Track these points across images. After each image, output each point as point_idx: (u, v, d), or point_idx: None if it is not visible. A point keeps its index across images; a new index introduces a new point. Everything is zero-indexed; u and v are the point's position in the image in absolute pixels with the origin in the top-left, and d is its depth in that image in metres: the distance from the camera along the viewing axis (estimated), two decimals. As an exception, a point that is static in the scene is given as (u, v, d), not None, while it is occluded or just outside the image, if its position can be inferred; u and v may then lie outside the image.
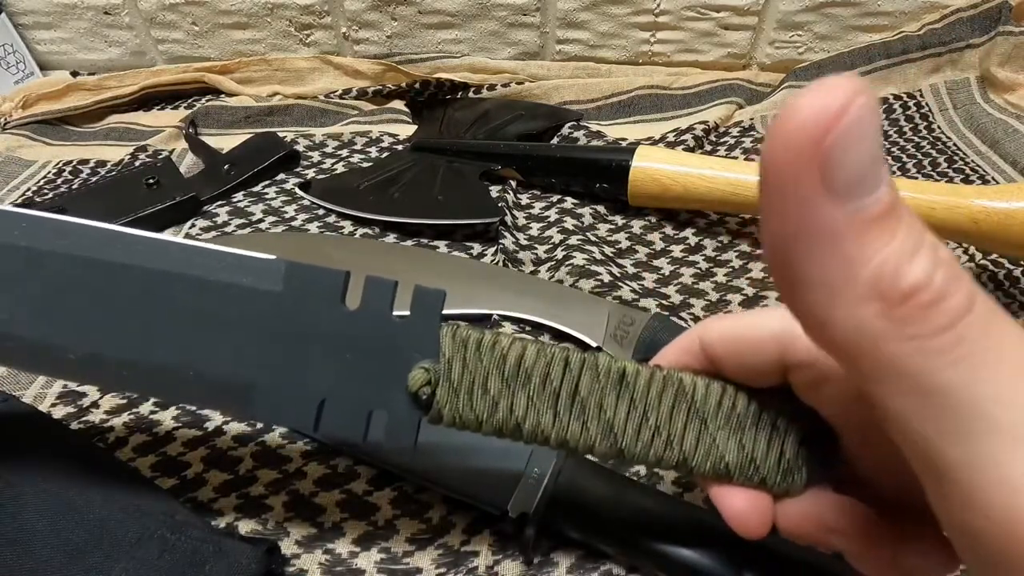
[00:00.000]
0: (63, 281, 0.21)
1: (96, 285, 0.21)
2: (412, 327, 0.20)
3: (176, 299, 0.20)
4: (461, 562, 0.26)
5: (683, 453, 0.19)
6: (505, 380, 0.19)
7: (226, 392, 0.21)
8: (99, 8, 0.60)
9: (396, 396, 0.19)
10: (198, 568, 0.23)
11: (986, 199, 0.34)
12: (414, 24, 0.59)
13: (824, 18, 0.56)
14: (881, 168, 0.11)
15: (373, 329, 0.20)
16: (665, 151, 0.42)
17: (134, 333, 0.20)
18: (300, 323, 0.20)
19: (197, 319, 0.20)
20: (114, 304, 0.20)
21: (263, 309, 0.20)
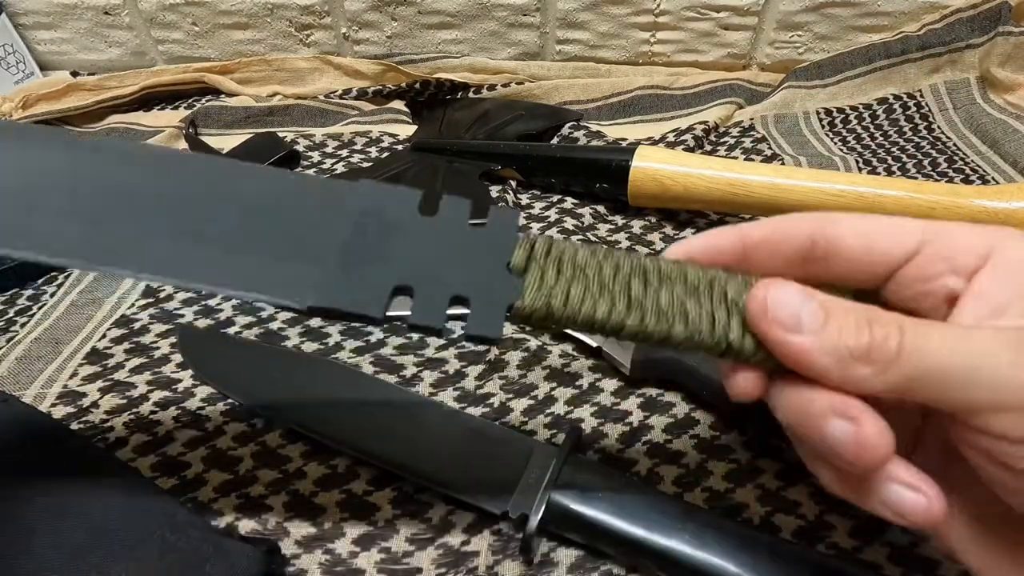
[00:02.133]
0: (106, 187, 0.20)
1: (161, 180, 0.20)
2: (492, 233, 0.20)
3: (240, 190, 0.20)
4: (461, 562, 0.26)
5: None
6: (582, 270, 0.19)
7: (292, 277, 0.19)
8: (99, 8, 0.60)
9: (478, 287, 0.19)
10: (198, 568, 0.23)
11: (986, 199, 0.34)
12: (414, 24, 0.59)
13: (824, 18, 0.56)
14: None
15: (452, 234, 0.20)
16: (665, 151, 0.42)
17: (195, 226, 0.19)
18: (372, 224, 0.20)
19: (260, 213, 0.20)
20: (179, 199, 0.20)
21: (332, 203, 0.20)
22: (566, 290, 0.19)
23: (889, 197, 0.35)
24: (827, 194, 0.36)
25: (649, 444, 0.29)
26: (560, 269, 0.19)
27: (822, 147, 0.50)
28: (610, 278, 0.19)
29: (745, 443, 0.29)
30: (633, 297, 0.19)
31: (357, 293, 0.19)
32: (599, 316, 0.19)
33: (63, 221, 0.19)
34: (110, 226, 0.19)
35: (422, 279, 0.19)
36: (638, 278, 0.19)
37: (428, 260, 0.19)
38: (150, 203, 0.20)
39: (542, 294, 0.19)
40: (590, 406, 0.31)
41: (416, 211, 0.20)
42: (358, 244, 0.19)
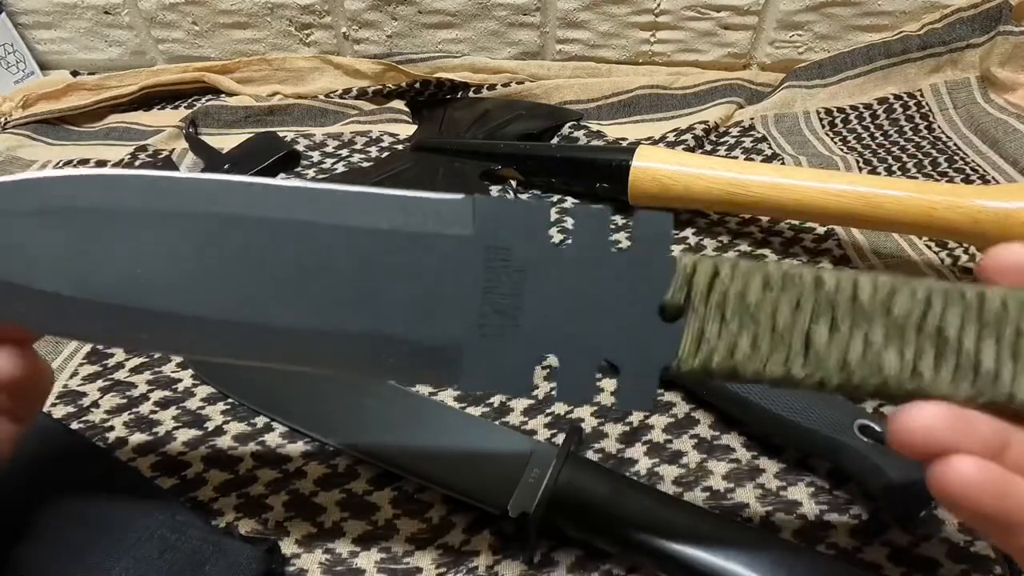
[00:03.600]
0: (200, 246, 0.18)
1: (256, 246, 0.18)
2: (639, 261, 0.16)
3: (350, 255, 0.17)
4: (461, 562, 0.26)
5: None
6: (785, 306, 0.15)
7: (428, 359, 0.18)
8: (99, 8, 0.60)
9: (627, 346, 0.16)
10: (198, 568, 0.23)
11: (986, 199, 0.34)
12: (414, 24, 0.59)
13: (824, 18, 0.56)
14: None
15: (591, 268, 0.17)
16: (665, 151, 0.42)
17: (309, 297, 0.18)
18: (500, 271, 0.17)
19: (378, 276, 0.17)
20: (282, 268, 0.18)
21: (455, 256, 0.17)
22: (731, 345, 0.16)
23: (889, 197, 0.35)
24: (827, 194, 0.36)
25: (649, 444, 0.29)
26: (724, 315, 0.16)
27: (822, 147, 0.50)
28: (787, 323, 0.15)
29: (745, 443, 0.29)
30: (814, 349, 0.15)
31: (501, 372, 0.17)
32: (769, 375, 0.16)
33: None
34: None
35: (565, 342, 0.17)
36: (823, 319, 0.15)
37: (570, 312, 0.17)
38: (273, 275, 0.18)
39: (702, 353, 0.16)
40: (590, 406, 0.31)
41: (547, 241, 0.17)
42: (493, 302, 0.17)
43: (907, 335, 0.15)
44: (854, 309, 0.15)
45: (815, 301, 0.15)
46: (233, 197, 0.18)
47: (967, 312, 0.15)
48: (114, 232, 0.18)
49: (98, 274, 0.18)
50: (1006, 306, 0.15)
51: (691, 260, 0.16)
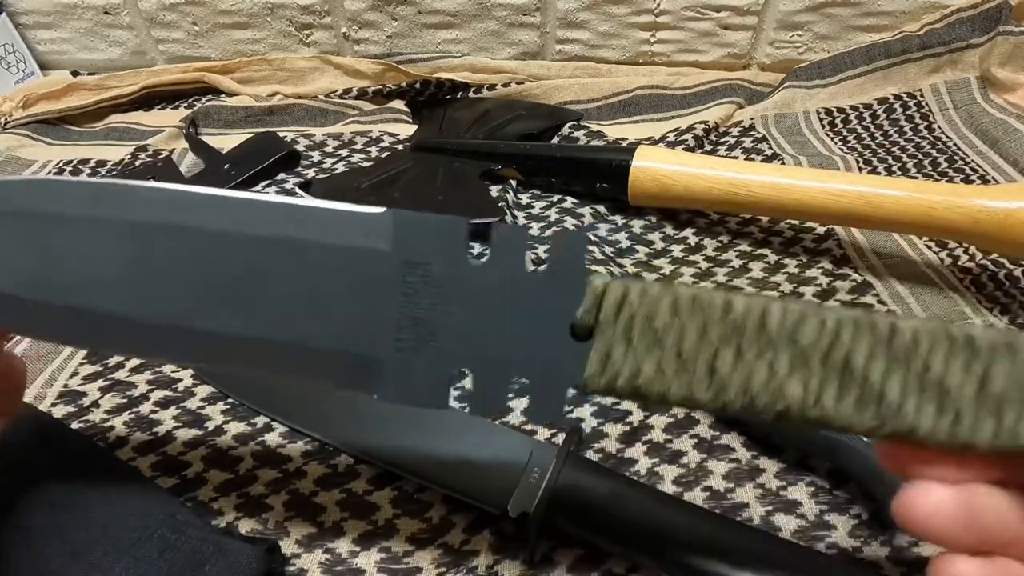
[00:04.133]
0: (136, 252, 0.18)
1: (183, 254, 0.18)
2: (554, 281, 0.17)
3: (273, 265, 0.18)
4: (461, 562, 0.26)
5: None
6: (703, 333, 0.15)
7: (348, 370, 0.18)
8: (99, 8, 0.60)
9: (539, 363, 0.17)
10: (198, 568, 0.23)
11: (986, 199, 0.34)
12: (414, 24, 0.59)
13: (824, 18, 0.56)
14: None
15: (507, 286, 0.17)
16: (665, 151, 0.42)
17: (235, 304, 0.18)
18: (418, 286, 0.18)
19: (300, 286, 0.18)
20: (210, 275, 0.18)
21: (373, 270, 0.18)
22: (636, 368, 0.16)
23: (889, 197, 0.35)
24: (827, 194, 0.36)
25: (649, 444, 0.29)
26: (631, 337, 0.16)
27: (822, 147, 0.50)
28: (692, 348, 0.15)
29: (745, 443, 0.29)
30: (718, 375, 0.15)
31: (417, 387, 0.18)
32: (672, 398, 0.16)
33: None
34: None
35: (479, 357, 0.17)
36: (729, 346, 0.15)
37: (483, 328, 0.17)
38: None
39: (607, 374, 0.16)
40: (590, 406, 0.31)
41: (464, 257, 0.17)
42: (410, 316, 0.18)
43: (812, 364, 0.15)
44: (760, 337, 0.15)
45: (722, 327, 0.15)
46: (167, 205, 0.19)
47: (876, 344, 0.15)
48: (57, 236, 0.19)
49: (45, 276, 0.19)
50: (916, 340, 0.15)
51: (602, 282, 0.16)
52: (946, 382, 0.14)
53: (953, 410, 0.14)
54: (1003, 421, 0.14)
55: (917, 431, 0.14)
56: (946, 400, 0.14)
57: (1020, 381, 0.14)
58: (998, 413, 0.14)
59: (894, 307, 0.36)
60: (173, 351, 0.20)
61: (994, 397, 0.14)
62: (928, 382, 0.14)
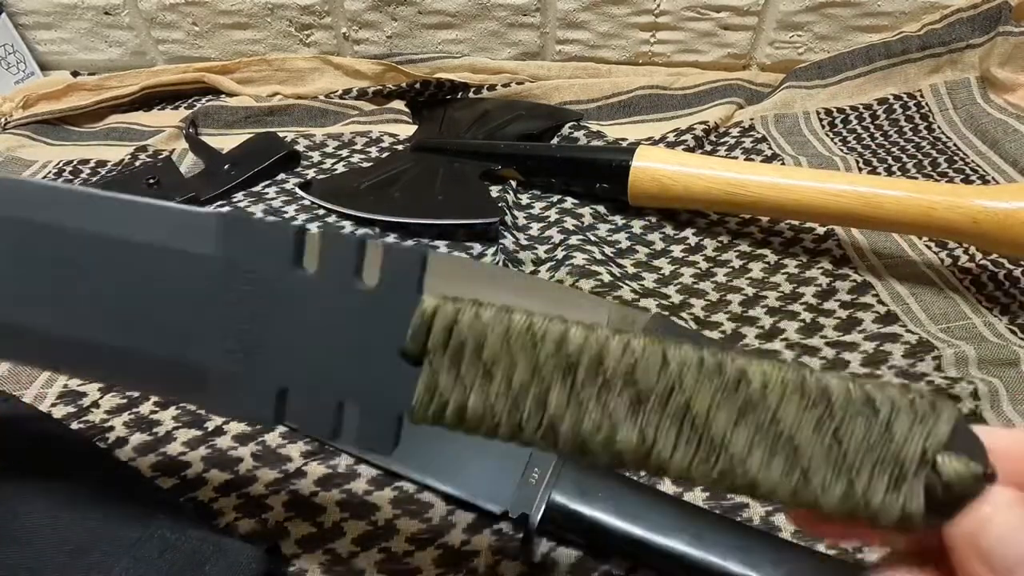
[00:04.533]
0: None
1: (16, 247, 0.17)
2: (386, 297, 0.15)
3: (97, 263, 0.17)
4: (461, 562, 0.26)
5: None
6: (535, 366, 0.14)
7: (176, 378, 0.17)
8: (99, 8, 0.60)
9: (369, 385, 0.16)
10: (198, 568, 0.23)
11: (986, 199, 0.34)
12: (414, 24, 0.59)
13: (824, 18, 0.56)
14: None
15: (337, 300, 0.16)
16: (665, 151, 0.42)
17: (62, 303, 0.17)
18: (245, 293, 0.16)
19: (125, 287, 0.17)
20: (40, 271, 0.17)
21: (201, 276, 0.16)
22: (462, 399, 0.15)
23: (889, 197, 0.35)
24: (827, 194, 0.36)
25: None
26: (459, 367, 0.15)
27: (822, 147, 0.50)
28: (523, 383, 0.14)
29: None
30: (548, 413, 0.14)
31: (243, 401, 0.17)
32: (501, 435, 0.15)
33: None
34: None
35: (304, 375, 0.16)
36: (562, 383, 0.14)
37: (310, 344, 0.16)
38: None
39: (434, 405, 0.15)
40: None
41: (292, 264, 0.16)
42: (236, 325, 0.16)
43: (650, 408, 0.14)
44: (597, 375, 0.14)
45: (555, 362, 0.14)
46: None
47: (721, 391, 0.14)
48: None
49: None
50: (766, 389, 0.13)
51: (432, 305, 0.15)
52: (795, 438, 0.13)
53: (800, 468, 0.13)
54: (855, 484, 0.13)
55: (759, 487, 0.13)
56: (795, 457, 0.13)
57: (876, 442, 0.13)
58: (849, 475, 0.13)
59: (894, 307, 0.36)
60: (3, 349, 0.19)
61: (846, 460, 0.13)
62: (775, 437, 0.13)
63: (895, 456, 0.13)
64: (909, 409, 0.13)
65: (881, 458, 0.13)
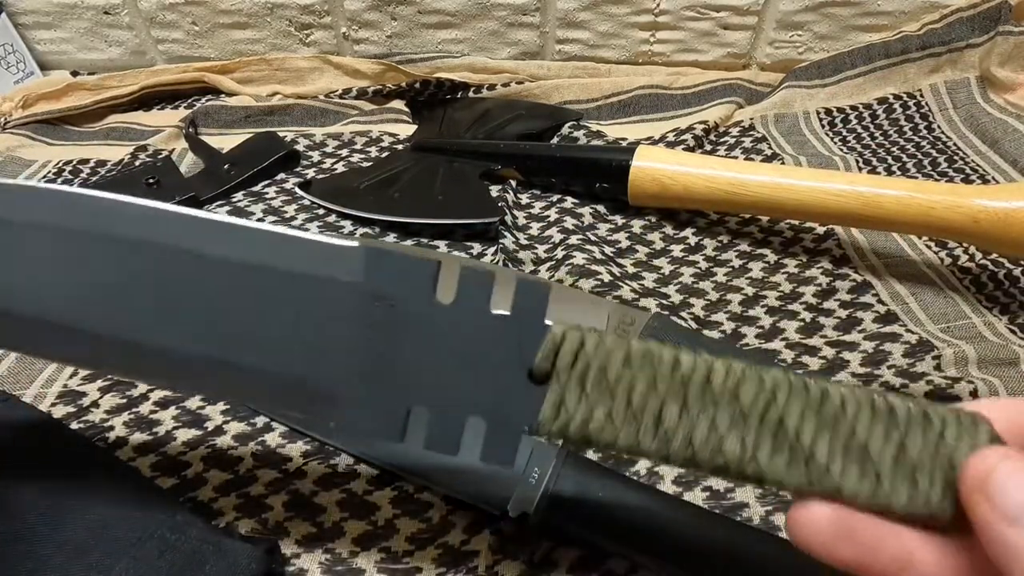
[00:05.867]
0: (108, 265, 0.19)
1: (151, 270, 0.18)
2: (515, 325, 0.17)
3: (242, 289, 0.18)
4: (461, 562, 0.26)
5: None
6: (653, 387, 0.16)
7: (305, 396, 0.19)
8: (99, 8, 0.60)
9: (494, 404, 0.17)
10: (198, 568, 0.23)
11: (986, 199, 0.34)
12: (414, 24, 0.59)
13: (824, 18, 0.56)
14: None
15: (469, 327, 0.17)
16: (665, 151, 0.42)
17: (199, 325, 0.18)
18: (383, 320, 0.18)
19: (265, 312, 0.18)
20: (174, 293, 0.18)
21: (341, 302, 0.18)
22: (587, 416, 0.16)
23: (889, 197, 0.35)
24: (827, 194, 0.36)
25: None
26: (584, 386, 0.17)
27: (822, 147, 0.50)
28: (641, 400, 0.16)
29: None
30: (663, 427, 0.16)
31: (372, 419, 0.18)
32: (620, 447, 0.16)
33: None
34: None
35: (437, 393, 0.18)
36: (675, 400, 0.16)
37: (444, 365, 0.18)
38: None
39: (560, 420, 0.17)
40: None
41: (431, 296, 0.18)
42: (373, 349, 0.18)
43: (750, 423, 0.16)
44: (705, 393, 0.16)
45: (669, 382, 0.16)
46: (136, 220, 0.19)
47: (808, 407, 0.16)
48: (11, 241, 0.19)
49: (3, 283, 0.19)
50: (844, 406, 0.16)
51: (561, 330, 0.17)
52: (869, 447, 0.15)
53: (874, 473, 0.15)
54: (919, 485, 0.15)
55: (842, 491, 0.15)
56: (868, 464, 0.15)
57: (932, 451, 0.15)
58: (913, 477, 0.15)
59: (894, 307, 0.36)
60: (131, 367, 0.20)
61: (910, 464, 0.15)
62: (852, 446, 0.15)
63: (949, 460, 0.15)
64: (956, 422, 0.15)
65: (939, 462, 0.15)
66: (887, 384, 0.30)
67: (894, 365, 0.32)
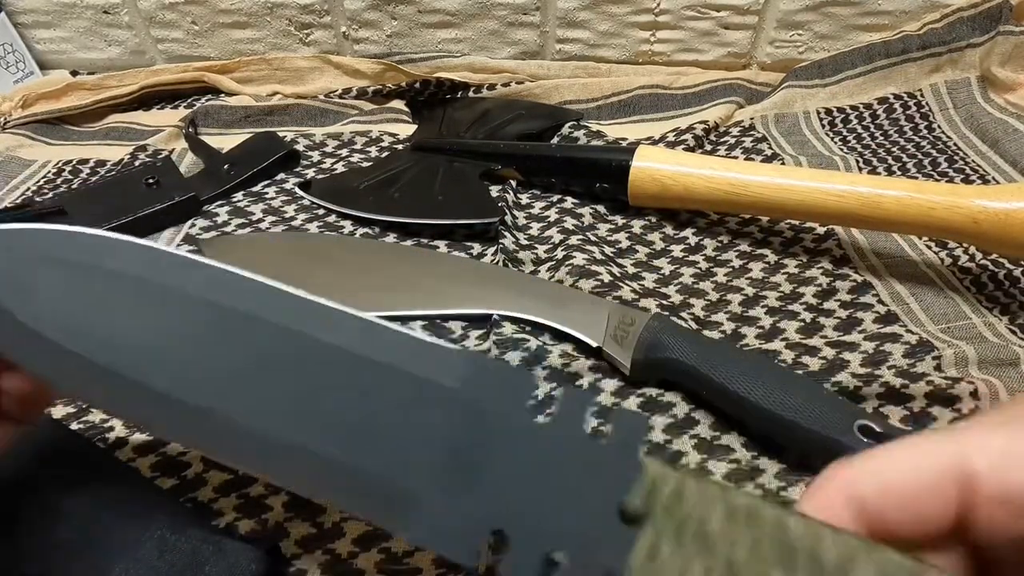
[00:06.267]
0: (206, 335, 0.18)
1: (250, 345, 0.18)
2: (610, 454, 0.16)
3: (335, 376, 0.18)
4: (461, 562, 0.26)
5: None
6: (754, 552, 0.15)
7: (384, 498, 0.18)
8: (98, 7, 0.60)
9: (582, 538, 0.16)
10: (198, 568, 0.23)
11: (986, 199, 0.34)
12: (414, 23, 0.59)
13: (824, 17, 0.56)
14: None
15: (563, 452, 0.16)
16: (665, 151, 0.42)
17: (286, 406, 0.18)
18: (476, 430, 0.17)
19: (355, 403, 0.18)
20: (266, 367, 0.18)
21: (435, 405, 0.17)
22: (682, 569, 0.15)
23: (889, 197, 0.35)
24: (827, 194, 0.36)
25: (649, 444, 0.29)
26: (681, 537, 0.15)
27: (822, 147, 0.50)
28: (743, 562, 0.15)
29: (745, 443, 0.29)
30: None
31: (450, 534, 0.17)
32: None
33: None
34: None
35: (521, 520, 0.16)
36: (781, 567, 0.14)
37: (529, 489, 0.16)
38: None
39: (652, 568, 0.15)
40: (591, 406, 0.31)
41: (525, 412, 0.17)
42: (460, 460, 0.17)
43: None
44: (812, 566, 0.14)
45: (776, 547, 0.15)
46: (235, 291, 0.19)
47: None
48: (111, 295, 0.19)
49: (87, 331, 0.19)
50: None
51: (659, 472, 0.16)
52: None
53: None
54: None
55: None
56: None
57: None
58: None
59: (894, 307, 0.36)
60: (206, 439, 0.19)
61: None
62: None
63: None
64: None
65: None
66: (887, 384, 0.30)
67: (894, 366, 0.32)
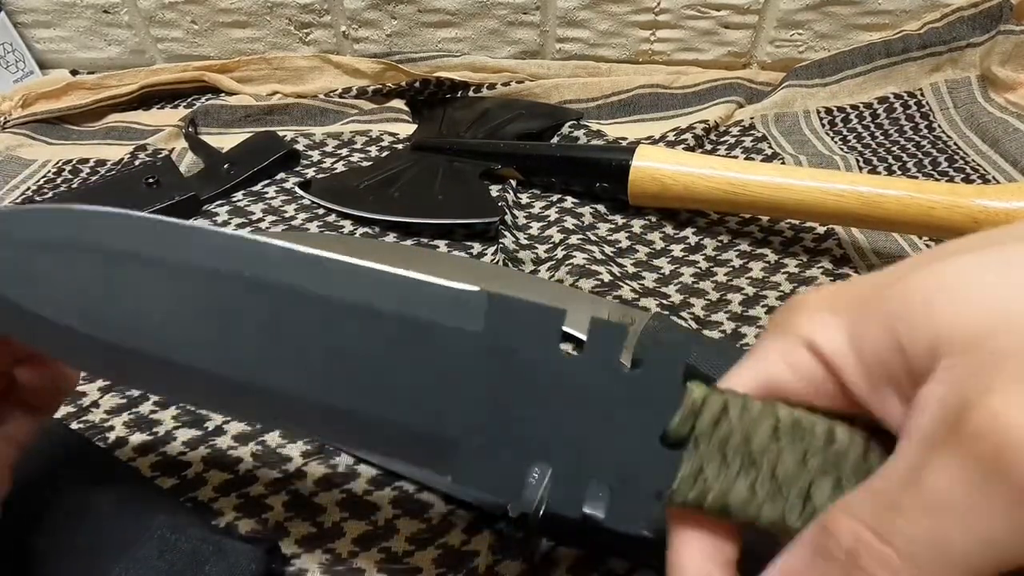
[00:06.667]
0: (226, 304, 0.18)
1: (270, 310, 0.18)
2: (648, 382, 0.16)
3: (361, 334, 0.17)
4: (461, 562, 0.26)
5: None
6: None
7: (422, 447, 0.18)
8: (98, 7, 0.60)
9: (623, 466, 0.16)
10: (198, 568, 0.23)
11: (986, 199, 0.34)
12: (414, 23, 0.59)
13: (825, 16, 0.56)
14: None
15: (597, 382, 0.16)
16: (665, 150, 0.42)
17: (312, 368, 0.18)
18: (506, 370, 0.17)
19: (384, 359, 0.17)
20: (294, 335, 0.18)
21: (462, 351, 0.17)
22: (727, 486, 0.15)
23: (889, 197, 0.35)
24: (827, 194, 0.36)
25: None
26: (726, 455, 0.15)
27: (822, 146, 0.50)
28: (789, 474, 0.15)
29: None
30: (812, 503, 0.15)
31: (491, 474, 0.17)
32: (763, 521, 0.15)
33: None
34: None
35: (561, 450, 0.16)
36: (828, 477, 0.15)
37: (568, 424, 0.16)
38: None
39: (697, 489, 0.15)
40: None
41: (556, 349, 0.17)
42: (494, 401, 0.17)
43: None
44: (861, 470, 0.15)
45: (823, 457, 0.15)
46: (249, 258, 0.18)
47: None
48: (122, 273, 0.18)
49: (101, 311, 0.18)
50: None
51: (701, 393, 0.16)
52: None
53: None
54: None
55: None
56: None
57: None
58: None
59: (894, 307, 0.36)
60: (236, 406, 0.19)
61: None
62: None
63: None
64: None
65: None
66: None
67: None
